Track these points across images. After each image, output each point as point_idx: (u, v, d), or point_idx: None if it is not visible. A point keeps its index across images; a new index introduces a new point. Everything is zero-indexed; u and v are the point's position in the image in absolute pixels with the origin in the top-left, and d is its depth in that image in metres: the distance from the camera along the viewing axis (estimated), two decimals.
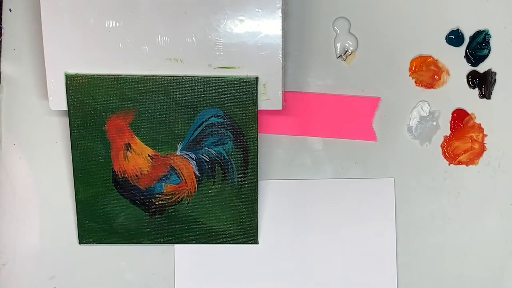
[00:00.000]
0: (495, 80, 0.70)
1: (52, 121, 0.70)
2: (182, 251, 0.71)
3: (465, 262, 0.72)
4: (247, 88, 0.66)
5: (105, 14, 0.65)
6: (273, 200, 0.71)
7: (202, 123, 0.67)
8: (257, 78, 0.66)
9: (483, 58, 0.70)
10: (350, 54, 0.70)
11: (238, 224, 0.70)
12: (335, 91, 0.70)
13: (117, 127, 0.67)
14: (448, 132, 0.71)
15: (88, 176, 0.68)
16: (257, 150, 0.68)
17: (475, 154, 0.71)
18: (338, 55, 0.70)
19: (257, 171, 0.68)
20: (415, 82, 0.70)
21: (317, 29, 0.70)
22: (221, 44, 0.65)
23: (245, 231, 0.70)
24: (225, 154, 0.68)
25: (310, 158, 0.71)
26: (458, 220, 0.71)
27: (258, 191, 0.69)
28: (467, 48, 0.70)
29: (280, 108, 0.67)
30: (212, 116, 0.67)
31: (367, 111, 0.70)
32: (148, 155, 0.68)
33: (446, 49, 0.70)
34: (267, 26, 0.65)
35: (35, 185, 0.71)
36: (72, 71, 0.66)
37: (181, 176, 0.68)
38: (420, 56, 0.70)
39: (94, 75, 0.66)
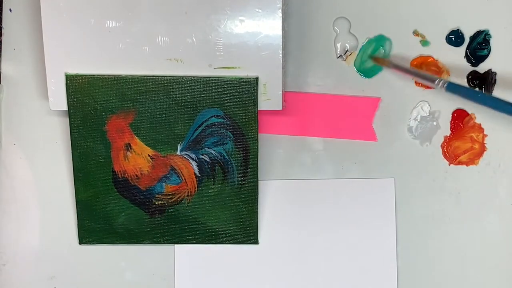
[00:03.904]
0: (495, 80, 0.70)
1: (52, 121, 0.70)
2: (182, 251, 0.71)
3: (465, 262, 0.72)
4: (247, 88, 0.66)
5: (105, 14, 0.65)
6: (273, 200, 0.71)
7: (202, 123, 0.67)
8: (257, 78, 0.66)
9: (483, 58, 0.70)
10: (350, 54, 0.70)
11: (238, 224, 0.70)
12: (335, 91, 0.70)
13: (117, 127, 0.67)
14: (448, 132, 0.71)
15: (88, 176, 0.68)
16: (257, 150, 0.68)
17: (475, 154, 0.71)
18: (338, 55, 0.70)
19: (257, 171, 0.68)
20: (415, 82, 0.70)
21: (317, 29, 0.70)
22: (221, 44, 0.65)
23: (245, 231, 0.70)
24: (225, 154, 0.68)
25: (310, 158, 0.71)
26: (458, 220, 0.71)
27: (258, 191, 0.69)
28: (467, 48, 0.70)
29: (280, 108, 0.67)
30: (212, 116, 0.67)
31: (367, 111, 0.70)
32: (148, 155, 0.68)
33: (446, 49, 0.70)
34: (267, 26, 0.65)
35: (35, 185, 0.71)
36: (72, 71, 0.66)
37: (181, 177, 0.68)
38: (420, 56, 0.70)
39: (94, 75, 0.66)
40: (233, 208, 0.70)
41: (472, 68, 0.70)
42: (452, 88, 0.63)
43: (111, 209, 0.69)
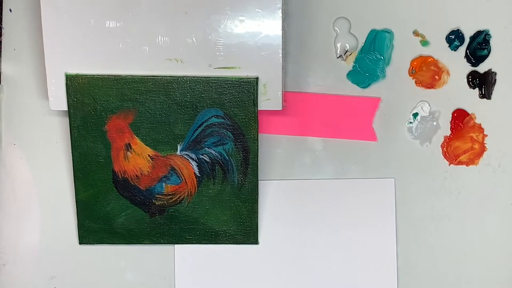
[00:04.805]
0: (495, 80, 0.70)
1: (52, 121, 0.70)
2: (182, 251, 0.71)
3: (465, 262, 0.72)
4: (247, 88, 0.66)
5: (105, 14, 0.65)
6: (273, 200, 0.71)
7: (202, 123, 0.67)
8: (257, 78, 0.66)
9: (483, 58, 0.70)
10: (350, 54, 0.70)
11: (238, 224, 0.70)
12: (335, 91, 0.70)
13: (117, 127, 0.67)
14: (448, 132, 0.71)
15: (88, 176, 0.68)
16: (257, 150, 0.68)
17: (475, 154, 0.71)
18: (338, 55, 0.70)
19: (257, 171, 0.68)
20: (415, 82, 0.70)
21: (317, 29, 0.70)
22: (221, 44, 0.65)
23: (245, 231, 0.70)
24: (225, 155, 0.68)
25: (310, 158, 0.71)
26: (458, 220, 0.71)
27: (258, 191, 0.69)
28: (467, 48, 0.70)
29: (280, 108, 0.67)
30: (212, 117, 0.67)
31: (367, 111, 0.70)
32: (148, 155, 0.68)
33: (446, 49, 0.70)
34: (267, 26, 0.65)
35: (35, 185, 0.71)
36: (72, 71, 0.66)
37: (181, 177, 0.68)
38: (420, 56, 0.70)
39: (94, 75, 0.66)
40: (233, 208, 0.70)
41: (472, 68, 0.70)
42: None
43: (111, 209, 0.69)
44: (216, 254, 0.71)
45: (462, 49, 0.70)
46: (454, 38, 0.70)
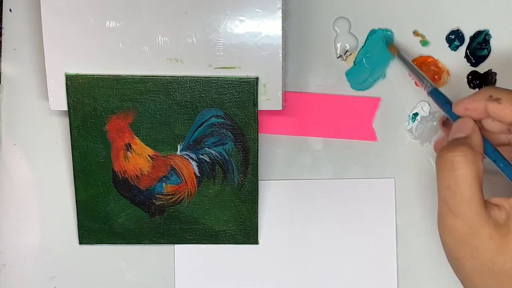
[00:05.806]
0: (495, 80, 0.70)
1: (52, 121, 0.70)
2: (182, 251, 0.71)
3: None
4: (247, 88, 0.66)
5: (105, 14, 0.65)
6: (273, 200, 0.71)
7: (203, 123, 0.67)
8: (257, 78, 0.66)
9: (483, 58, 0.70)
10: (350, 54, 0.70)
11: (238, 224, 0.70)
12: (335, 91, 0.70)
13: (118, 127, 0.67)
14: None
15: (88, 177, 0.68)
16: (257, 150, 0.68)
17: None
18: (338, 55, 0.70)
19: (257, 171, 0.68)
20: (415, 82, 0.70)
21: (317, 29, 0.70)
22: (221, 44, 0.65)
23: (245, 231, 0.70)
24: (225, 155, 0.68)
25: (310, 158, 0.71)
26: None
27: (258, 191, 0.69)
28: (467, 48, 0.70)
29: (280, 108, 0.67)
30: (212, 117, 0.67)
31: (367, 111, 0.70)
32: (149, 155, 0.68)
33: (446, 49, 0.70)
34: (267, 26, 0.65)
35: (35, 185, 0.71)
36: (72, 71, 0.66)
37: (181, 177, 0.68)
38: (420, 56, 0.70)
39: (94, 75, 0.66)
40: (233, 208, 0.70)
41: (472, 68, 0.70)
42: (435, 95, 0.63)
43: (111, 209, 0.69)
44: (216, 254, 0.71)
45: (462, 49, 0.70)
46: (454, 38, 0.70)
